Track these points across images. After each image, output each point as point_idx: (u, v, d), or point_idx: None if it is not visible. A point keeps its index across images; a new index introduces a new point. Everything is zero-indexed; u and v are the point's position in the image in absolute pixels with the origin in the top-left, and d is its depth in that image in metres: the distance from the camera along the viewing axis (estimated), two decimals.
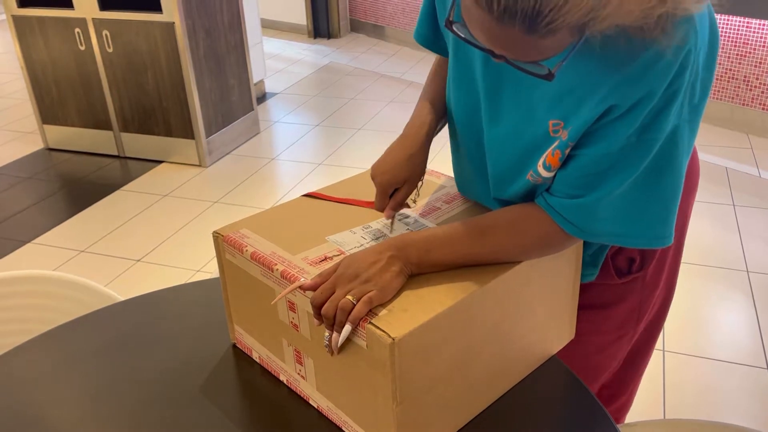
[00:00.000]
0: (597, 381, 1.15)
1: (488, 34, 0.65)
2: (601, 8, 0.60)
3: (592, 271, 1.01)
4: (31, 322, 1.28)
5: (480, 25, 0.65)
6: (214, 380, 0.96)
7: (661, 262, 1.05)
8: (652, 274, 1.05)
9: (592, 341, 1.08)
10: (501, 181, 0.92)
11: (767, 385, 1.88)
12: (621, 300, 1.06)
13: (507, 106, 0.86)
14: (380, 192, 0.94)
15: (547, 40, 0.63)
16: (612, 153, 0.77)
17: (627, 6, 0.61)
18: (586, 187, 0.80)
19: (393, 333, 0.72)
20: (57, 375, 1.00)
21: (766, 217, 2.72)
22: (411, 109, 4.06)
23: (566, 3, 0.59)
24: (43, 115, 3.60)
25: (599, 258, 1.00)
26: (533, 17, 0.60)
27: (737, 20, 3.36)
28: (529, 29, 0.61)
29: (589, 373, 1.11)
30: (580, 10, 0.59)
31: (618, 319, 1.08)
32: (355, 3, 5.73)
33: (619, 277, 1.03)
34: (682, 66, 0.71)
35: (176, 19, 3.06)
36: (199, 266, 2.56)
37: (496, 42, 0.66)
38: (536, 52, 0.66)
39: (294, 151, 3.58)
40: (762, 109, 3.42)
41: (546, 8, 0.59)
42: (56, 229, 2.88)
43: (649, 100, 0.73)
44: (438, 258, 0.83)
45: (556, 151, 0.82)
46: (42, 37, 3.35)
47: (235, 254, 0.92)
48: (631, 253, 1.02)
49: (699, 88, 0.75)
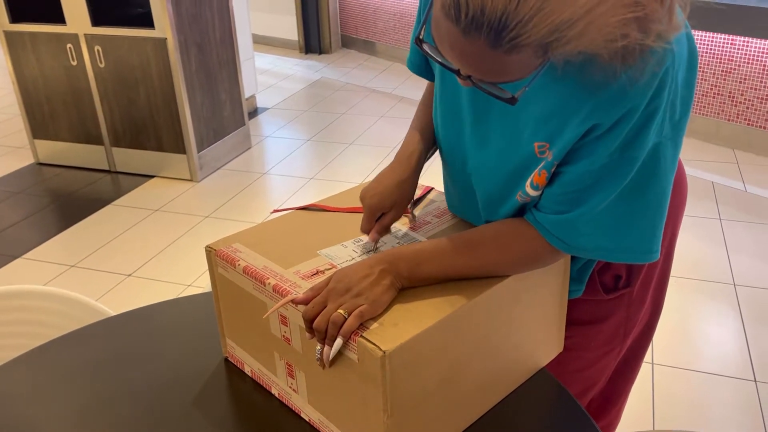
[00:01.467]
0: (586, 396, 1.16)
1: (455, 49, 0.67)
2: (566, 29, 0.61)
3: (578, 287, 1.02)
4: (22, 337, 1.27)
5: (448, 38, 0.66)
6: (206, 394, 0.97)
7: (647, 279, 1.07)
8: (638, 290, 1.06)
9: (581, 356, 1.10)
10: (491, 203, 0.94)
11: (755, 398, 1.90)
12: (608, 316, 1.07)
13: (494, 129, 0.88)
14: (367, 215, 0.96)
15: (512, 57, 0.64)
16: (595, 170, 0.79)
17: (590, 34, 0.62)
18: (570, 203, 0.82)
19: (384, 346, 0.74)
20: (48, 390, 1.00)
21: (752, 231, 2.76)
22: (402, 123, 4.09)
23: (531, 19, 0.60)
24: (33, 130, 3.60)
25: (585, 274, 1.01)
26: (498, 30, 0.61)
27: (722, 37, 3.42)
28: (494, 43, 0.63)
29: (577, 387, 1.12)
30: (545, 28, 0.61)
31: (605, 335, 1.09)
32: (346, 19, 5.78)
33: (606, 293, 1.04)
34: (660, 85, 0.73)
35: (168, 35, 3.08)
36: (190, 281, 2.56)
37: (463, 57, 0.67)
38: (500, 70, 0.67)
39: (285, 165, 3.60)
40: (747, 124, 3.47)
41: (512, 22, 0.61)
42: (47, 243, 2.87)
43: (630, 118, 0.75)
44: (428, 272, 0.84)
45: (543, 171, 0.84)
46: (34, 52, 3.36)
47: (228, 268, 0.93)
48: (618, 270, 1.03)
49: (679, 105, 0.77)
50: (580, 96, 0.76)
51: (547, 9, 0.60)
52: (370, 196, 0.96)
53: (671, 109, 0.76)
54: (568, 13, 0.60)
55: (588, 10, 0.60)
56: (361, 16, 5.61)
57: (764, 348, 2.09)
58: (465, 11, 0.62)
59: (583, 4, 0.60)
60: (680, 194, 1.06)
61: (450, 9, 0.63)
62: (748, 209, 2.93)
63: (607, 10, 0.61)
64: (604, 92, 0.73)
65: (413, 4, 5.09)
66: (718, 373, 2.00)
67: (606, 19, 0.62)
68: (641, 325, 1.14)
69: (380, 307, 0.79)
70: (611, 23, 0.62)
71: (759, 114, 3.42)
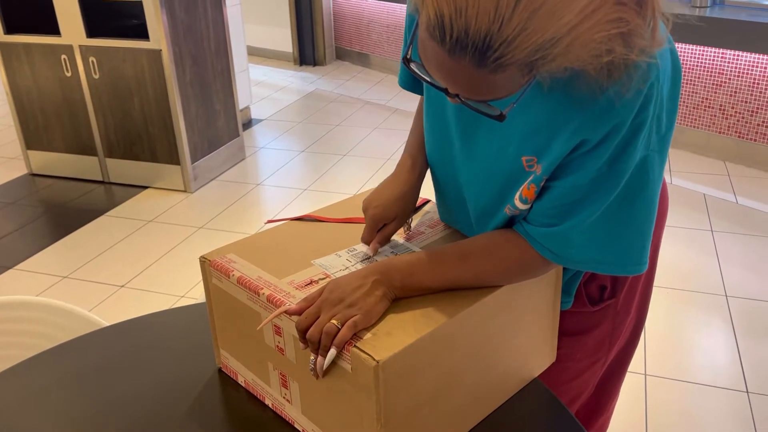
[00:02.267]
0: (573, 405, 1.17)
1: (442, 69, 0.67)
2: (550, 47, 0.62)
3: (566, 299, 1.03)
4: (15, 347, 1.27)
5: (434, 58, 0.67)
6: (199, 405, 0.97)
7: (632, 290, 1.08)
8: (623, 301, 1.07)
9: (567, 367, 1.10)
10: (482, 215, 0.95)
11: (747, 409, 1.90)
12: (594, 327, 1.08)
13: (482, 144, 0.89)
14: (369, 225, 0.97)
15: (497, 76, 0.65)
16: (584, 184, 0.80)
17: (575, 51, 0.63)
18: (559, 216, 0.83)
19: (377, 356, 0.74)
20: (41, 401, 0.99)
21: (743, 243, 2.78)
22: (395, 135, 4.11)
23: (515, 39, 0.61)
24: (27, 140, 3.59)
25: (573, 286, 1.02)
26: (483, 51, 0.62)
27: (712, 51, 3.45)
28: (479, 63, 0.63)
29: (564, 398, 1.13)
30: (529, 47, 0.61)
31: (591, 346, 1.10)
32: (340, 31, 5.81)
33: (591, 304, 1.05)
34: (646, 99, 0.74)
35: (163, 47, 3.09)
36: (183, 292, 2.55)
37: (449, 77, 0.68)
38: (487, 88, 0.67)
39: (279, 176, 3.60)
40: (738, 136, 3.51)
41: (496, 42, 0.61)
42: (39, 254, 2.86)
43: (617, 133, 0.76)
44: (421, 282, 0.85)
45: (531, 185, 0.85)
46: (28, 63, 3.36)
47: (222, 279, 0.93)
48: (603, 281, 1.04)
49: (665, 118, 0.79)
50: (567, 111, 0.77)
51: (531, 29, 0.60)
52: (374, 207, 0.97)
53: (657, 122, 0.78)
54: (552, 32, 0.61)
55: (572, 28, 0.61)
56: (355, 28, 5.64)
57: (756, 359, 2.10)
58: (450, 32, 0.62)
59: (567, 23, 0.61)
60: (662, 204, 1.07)
61: (435, 30, 0.64)
62: (740, 221, 2.95)
63: (591, 27, 0.62)
64: (591, 107, 0.74)
65: None
66: (711, 384, 2.01)
67: (590, 35, 0.62)
68: (626, 335, 1.15)
69: (373, 318, 0.80)
70: (596, 39, 0.63)
71: (749, 127, 3.45)
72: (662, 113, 0.78)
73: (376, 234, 0.97)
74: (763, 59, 3.29)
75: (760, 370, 2.05)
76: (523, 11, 0.59)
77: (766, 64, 3.29)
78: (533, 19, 0.60)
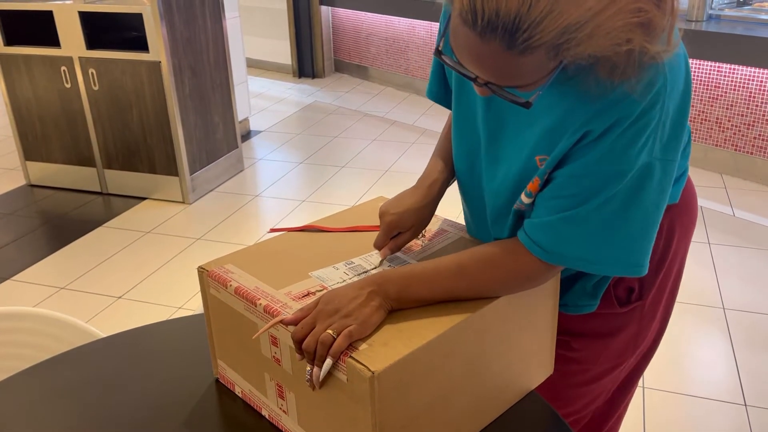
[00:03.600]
0: (590, 407, 1.16)
1: (472, 54, 0.72)
2: (575, 31, 0.66)
3: (592, 303, 1.03)
4: (11, 358, 1.27)
5: (465, 43, 0.71)
6: (196, 415, 0.97)
7: (659, 293, 1.08)
8: (650, 304, 1.07)
9: (588, 370, 1.10)
10: (498, 216, 0.97)
11: (745, 422, 1.90)
12: (620, 329, 1.07)
13: (507, 147, 0.92)
14: (384, 231, 0.98)
15: (526, 58, 0.69)
16: (581, 175, 0.82)
17: (598, 37, 0.67)
18: (556, 209, 0.85)
19: (373, 366, 0.74)
20: (37, 412, 0.99)
21: (740, 255, 2.78)
22: (394, 147, 4.12)
23: (542, 21, 0.65)
24: (26, 151, 3.60)
25: (600, 290, 1.02)
26: (512, 32, 0.67)
27: (708, 64, 3.48)
28: (509, 44, 0.68)
29: (579, 403, 1.13)
30: (555, 29, 0.66)
31: (616, 349, 1.09)
32: (339, 44, 5.84)
33: (620, 306, 1.05)
34: (651, 102, 0.76)
35: (162, 59, 3.10)
36: (180, 303, 2.55)
37: (480, 62, 0.72)
38: (516, 72, 0.71)
39: (278, 188, 3.61)
40: (734, 149, 3.52)
41: (524, 23, 0.66)
42: (36, 265, 2.86)
43: (619, 126, 0.78)
44: (417, 294, 0.85)
45: (536, 179, 0.87)
46: (28, 74, 3.38)
47: (220, 289, 0.93)
48: (631, 283, 1.04)
49: (669, 128, 0.80)
50: (580, 109, 0.80)
51: (557, 11, 0.65)
52: (391, 214, 0.98)
53: (662, 129, 0.79)
54: (576, 16, 0.65)
55: (595, 13, 0.65)
56: (354, 41, 5.67)
57: (754, 372, 2.10)
58: (481, 15, 0.67)
59: (590, 8, 0.65)
60: (690, 213, 1.07)
61: (467, 14, 0.68)
62: (737, 233, 2.96)
63: (613, 15, 0.66)
64: (599, 102, 0.77)
65: (405, 29, 5.15)
66: (709, 397, 2.00)
67: (612, 23, 0.66)
68: (648, 341, 1.14)
69: (369, 328, 0.80)
70: (617, 27, 0.67)
71: (746, 140, 3.47)
72: (667, 121, 0.79)
73: (389, 240, 0.98)
74: (759, 73, 3.32)
75: (758, 383, 2.05)
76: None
77: (762, 78, 3.31)
78: (560, 2, 0.65)
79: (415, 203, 1.00)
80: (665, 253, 1.04)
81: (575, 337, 1.08)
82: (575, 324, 1.07)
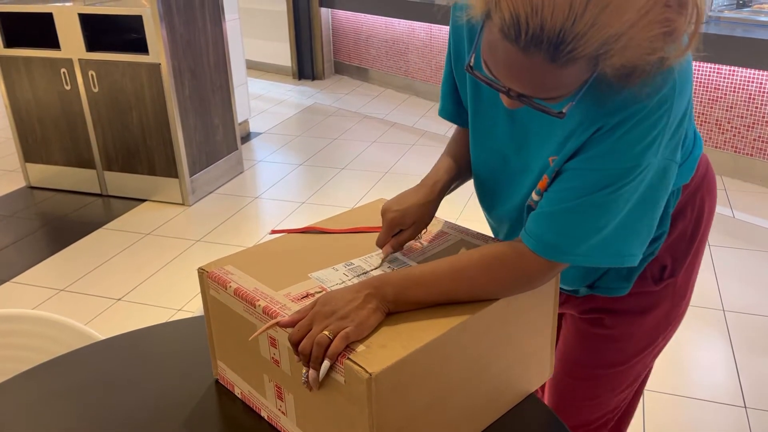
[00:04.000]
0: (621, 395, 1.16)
1: (512, 68, 0.73)
2: (613, 42, 0.68)
3: (626, 285, 1.05)
4: (10, 361, 1.27)
5: (505, 59, 0.73)
6: (196, 416, 0.96)
7: (689, 271, 1.09)
8: (681, 281, 1.08)
9: (622, 349, 1.11)
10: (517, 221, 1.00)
11: (745, 424, 1.90)
12: (654, 306, 1.08)
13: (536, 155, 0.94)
14: (386, 229, 1.00)
15: (567, 70, 0.71)
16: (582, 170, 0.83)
17: (631, 48, 0.69)
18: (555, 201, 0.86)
19: (370, 368, 0.74)
20: (36, 415, 0.99)
21: (740, 257, 2.78)
22: (394, 149, 4.12)
23: (586, 33, 0.67)
24: (25, 153, 3.60)
25: (635, 274, 1.04)
26: (557, 44, 0.68)
27: (708, 66, 3.48)
28: (553, 57, 0.69)
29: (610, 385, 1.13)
30: (597, 41, 0.68)
31: (649, 326, 1.10)
32: (339, 45, 5.84)
33: (654, 284, 1.06)
34: (658, 103, 0.78)
35: (162, 61, 3.10)
36: (180, 305, 2.55)
37: (519, 76, 0.73)
38: (555, 84, 0.73)
39: (277, 190, 3.61)
40: (734, 151, 3.52)
41: (569, 36, 0.67)
42: (36, 267, 2.86)
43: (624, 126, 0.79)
44: (415, 296, 0.85)
45: (545, 176, 0.89)
46: (27, 76, 3.38)
47: (219, 290, 0.93)
48: (663, 261, 1.05)
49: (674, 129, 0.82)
50: (591, 109, 0.82)
51: (600, 23, 0.67)
52: (393, 211, 1.00)
53: (668, 131, 0.80)
54: (616, 27, 0.67)
55: (631, 25, 0.67)
56: (354, 42, 5.68)
57: (754, 374, 2.10)
58: (525, 30, 0.68)
59: (628, 20, 0.67)
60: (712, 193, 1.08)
61: (510, 30, 0.69)
62: (736, 235, 2.96)
63: (645, 25, 0.68)
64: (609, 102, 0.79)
65: (405, 31, 5.16)
66: (709, 399, 2.00)
67: (644, 33, 0.69)
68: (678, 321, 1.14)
69: (366, 330, 0.80)
70: (648, 38, 0.69)
71: (745, 141, 3.47)
72: (674, 123, 0.81)
73: (390, 238, 0.99)
74: (759, 74, 3.32)
75: (758, 385, 2.05)
76: (594, 7, 0.66)
77: (761, 80, 3.32)
78: (603, 15, 0.66)
79: (417, 201, 1.01)
80: (695, 232, 1.06)
81: (609, 313, 1.09)
82: (609, 302, 1.08)
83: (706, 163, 1.08)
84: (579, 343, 1.13)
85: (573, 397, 1.17)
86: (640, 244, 0.87)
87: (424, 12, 4.71)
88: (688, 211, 1.04)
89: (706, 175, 1.07)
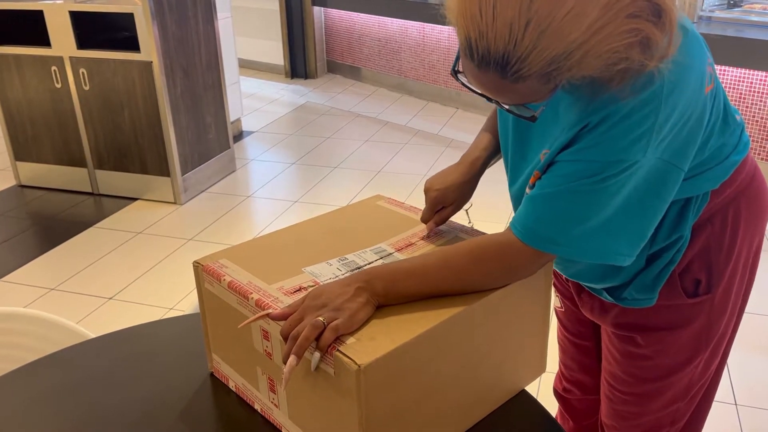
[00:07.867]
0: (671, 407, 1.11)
1: (476, 80, 0.79)
2: (563, 60, 0.72)
3: (651, 296, 1.01)
4: (1, 359, 1.26)
5: (469, 72, 0.79)
6: (190, 410, 0.97)
7: (729, 285, 1.04)
8: (720, 297, 1.03)
9: (658, 365, 1.08)
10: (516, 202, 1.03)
11: (735, 421, 1.91)
12: (688, 322, 1.04)
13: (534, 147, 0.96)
14: (429, 206, 1.06)
15: (520, 85, 0.75)
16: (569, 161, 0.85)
17: (589, 61, 0.72)
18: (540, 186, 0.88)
19: (359, 360, 0.74)
20: (26, 414, 0.99)
21: None
22: (386, 148, 4.12)
23: (528, 56, 0.71)
24: (16, 152, 3.58)
25: (659, 283, 1.00)
26: (503, 66, 0.74)
27: None
28: (502, 75, 0.75)
29: (663, 397, 1.10)
30: (542, 61, 0.72)
31: (684, 341, 1.06)
32: (331, 44, 5.84)
33: (688, 297, 1.02)
34: (643, 101, 0.79)
35: (154, 59, 3.09)
36: (172, 304, 2.54)
37: (482, 87, 0.80)
38: (514, 96, 0.78)
39: (270, 188, 3.60)
40: None
41: (512, 59, 0.72)
42: (27, 266, 2.84)
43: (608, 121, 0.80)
44: (404, 289, 0.86)
45: (536, 171, 0.91)
46: (18, 74, 3.36)
47: (214, 283, 0.94)
48: (698, 275, 1.01)
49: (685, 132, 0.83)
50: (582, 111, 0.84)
51: (540, 47, 0.71)
52: (435, 190, 1.05)
53: (665, 131, 0.81)
54: (562, 47, 0.71)
55: (581, 43, 0.71)
56: (347, 41, 5.68)
57: (745, 371, 2.11)
58: (476, 50, 0.75)
59: (574, 39, 0.70)
60: (760, 202, 1.03)
61: (466, 50, 0.77)
62: None
63: (602, 40, 0.71)
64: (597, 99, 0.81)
65: (398, 30, 5.16)
66: None
67: (602, 47, 0.71)
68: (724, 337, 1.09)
69: (356, 323, 0.80)
70: (609, 49, 0.72)
71: None
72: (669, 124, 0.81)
73: (433, 215, 1.05)
74: (750, 74, 3.34)
75: (748, 383, 2.06)
76: (532, 32, 0.70)
77: (752, 79, 3.34)
78: (542, 39, 0.70)
79: (457, 179, 1.06)
80: (732, 245, 1.01)
81: (641, 332, 1.06)
82: (640, 319, 1.05)
83: (751, 171, 1.01)
84: (615, 360, 1.12)
85: (623, 410, 1.15)
86: (630, 244, 0.87)
87: (417, 11, 4.71)
88: (717, 220, 0.99)
89: (750, 185, 1.01)
